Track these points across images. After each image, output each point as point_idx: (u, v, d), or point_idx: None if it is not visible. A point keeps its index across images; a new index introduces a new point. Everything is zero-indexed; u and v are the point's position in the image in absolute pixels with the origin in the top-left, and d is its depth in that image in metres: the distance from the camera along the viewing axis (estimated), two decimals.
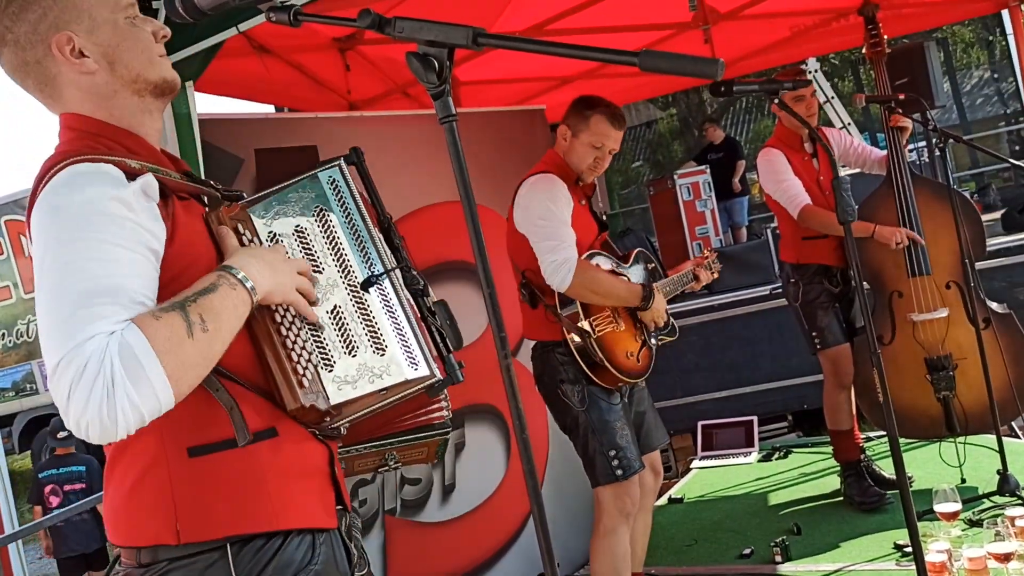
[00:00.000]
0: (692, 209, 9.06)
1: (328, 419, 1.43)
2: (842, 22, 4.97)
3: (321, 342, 1.43)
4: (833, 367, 4.10)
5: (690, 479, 5.06)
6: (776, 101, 2.76)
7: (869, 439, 4.85)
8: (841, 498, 4.21)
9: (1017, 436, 4.63)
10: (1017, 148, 12.82)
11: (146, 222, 1.27)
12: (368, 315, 1.44)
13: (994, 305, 3.96)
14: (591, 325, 2.91)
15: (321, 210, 1.48)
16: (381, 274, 1.44)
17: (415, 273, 1.49)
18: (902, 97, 3.81)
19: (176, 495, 1.33)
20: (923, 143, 8.26)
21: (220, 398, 1.34)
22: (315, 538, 1.42)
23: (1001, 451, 3.83)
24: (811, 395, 5.43)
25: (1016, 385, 3.87)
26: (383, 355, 1.42)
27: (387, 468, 1.65)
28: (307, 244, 1.47)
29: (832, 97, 8.50)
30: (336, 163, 1.50)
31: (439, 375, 1.43)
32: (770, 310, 5.71)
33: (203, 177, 1.64)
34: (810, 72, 7.43)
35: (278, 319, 1.39)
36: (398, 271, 1.47)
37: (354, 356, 1.42)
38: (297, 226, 1.48)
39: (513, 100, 5.29)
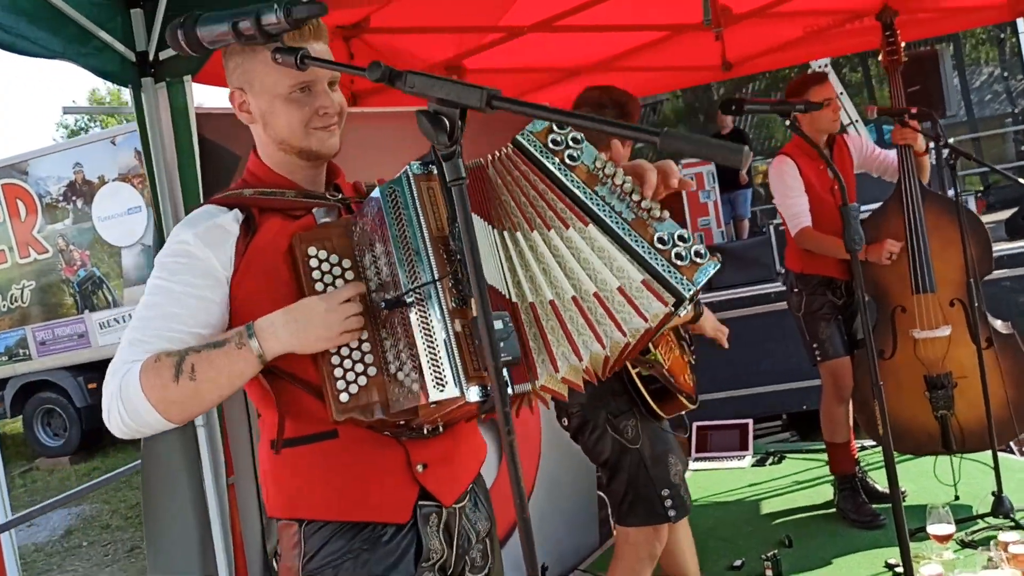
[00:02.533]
0: (695, 200, 9.00)
1: (401, 423, 1.53)
2: (856, 24, 4.89)
3: (384, 353, 1.51)
4: (833, 379, 4.08)
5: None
6: (788, 123, 2.71)
7: (864, 447, 4.83)
8: (834, 509, 4.21)
9: (1013, 453, 4.61)
10: (1023, 148, 12.77)
11: (207, 262, 1.55)
12: (408, 331, 1.46)
13: (998, 324, 3.92)
14: (663, 355, 2.71)
15: (381, 223, 1.50)
16: (410, 290, 1.44)
17: (466, 281, 1.44)
18: (914, 111, 3.75)
19: (266, 477, 1.67)
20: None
21: (275, 405, 1.60)
22: (359, 531, 1.60)
23: (996, 471, 3.81)
24: (811, 397, 5.41)
25: (1015, 407, 3.85)
26: (418, 373, 1.44)
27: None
28: (376, 261, 1.52)
29: (841, 93, 8.45)
30: (404, 171, 1.50)
31: (470, 396, 1.40)
32: (770, 312, 5.66)
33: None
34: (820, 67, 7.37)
35: None
36: (439, 283, 1.43)
37: (402, 369, 1.48)
38: (369, 241, 1.53)
39: (523, 89, 5.21)
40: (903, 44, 4.08)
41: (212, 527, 2.89)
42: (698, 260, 1.48)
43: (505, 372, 1.38)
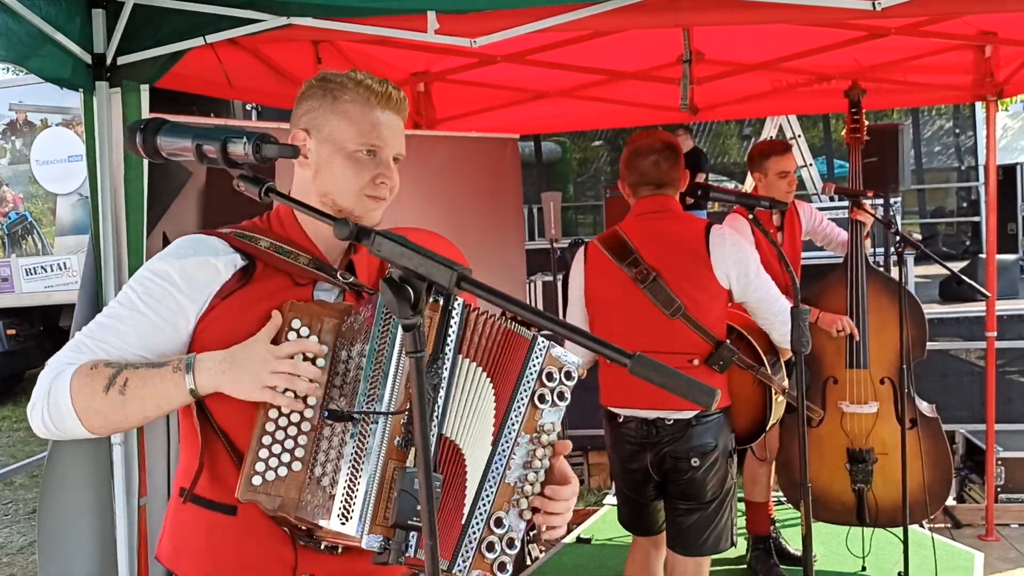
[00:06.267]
0: None
1: (302, 528, 1.46)
2: (823, 85, 4.95)
3: (315, 454, 1.43)
4: (759, 440, 4.12)
5: (601, 517, 5.06)
6: (751, 217, 2.72)
7: (780, 502, 4.90)
8: (745, 565, 4.28)
9: (923, 527, 4.73)
10: (964, 205, 13.12)
11: (184, 294, 1.52)
12: (340, 450, 1.41)
13: (923, 406, 4.01)
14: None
15: (366, 333, 1.45)
16: (361, 412, 1.38)
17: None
18: (870, 195, 3.81)
19: (169, 520, 1.65)
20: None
21: (199, 456, 1.53)
22: None
23: (905, 548, 3.90)
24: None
25: (929, 489, 3.94)
26: (330, 495, 1.39)
27: None
28: (347, 361, 1.46)
29: (799, 136, 8.57)
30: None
31: (366, 542, 1.35)
32: None
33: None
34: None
35: (273, 415, 1.44)
36: (391, 418, 1.39)
37: (320, 483, 1.41)
38: (352, 339, 1.48)
39: (489, 104, 5.15)
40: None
41: (118, 546, 2.82)
42: (497, 572, 1.45)
43: (412, 536, 1.34)
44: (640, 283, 2.89)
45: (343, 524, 1.36)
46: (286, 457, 1.43)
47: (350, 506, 1.37)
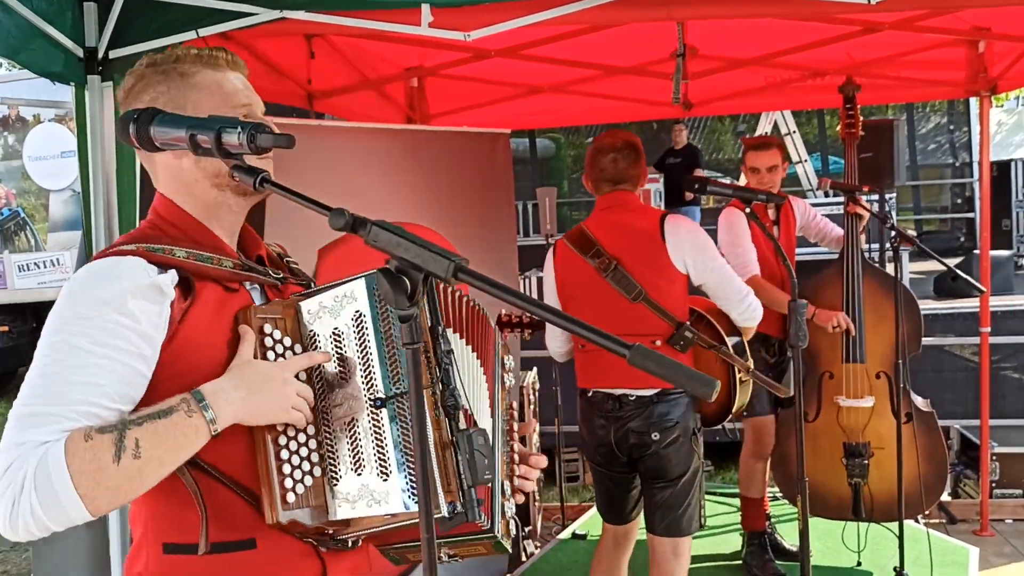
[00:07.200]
0: None
1: (329, 532, 1.42)
2: (818, 81, 4.95)
3: (334, 454, 1.39)
4: (755, 435, 4.13)
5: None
6: (748, 211, 2.71)
7: (775, 498, 4.90)
8: (740, 561, 4.28)
9: (918, 522, 4.73)
10: (959, 201, 13.15)
11: (139, 324, 1.31)
12: (381, 434, 1.35)
13: (919, 401, 4.01)
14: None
15: (359, 315, 1.38)
16: (399, 394, 1.34)
17: (454, 389, 1.33)
18: (866, 189, 3.81)
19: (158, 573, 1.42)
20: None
21: (197, 503, 1.37)
22: None
23: (901, 543, 3.89)
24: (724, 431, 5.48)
25: (925, 484, 3.95)
26: (386, 480, 1.34)
27: (443, 561, 1.55)
28: (341, 350, 1.40)
29: (793, 131, 8.57)
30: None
31: (444, 511, 1.30)
32: None
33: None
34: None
35: (279, 428, 1.37)
36: (427, 391, 1.32)
37: (360, 475, 1.36)
38: (335, 329, 1.41)
39: (483, 100, 5.14)
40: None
41: (111, 542, 2.80)
42: (509, 530, 1.47)
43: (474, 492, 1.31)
44: (603, 272, 3.06)
45: (416, 502, 1.30)
46: (306, 466, 1.38)
47: (416, 483, 1.31)
